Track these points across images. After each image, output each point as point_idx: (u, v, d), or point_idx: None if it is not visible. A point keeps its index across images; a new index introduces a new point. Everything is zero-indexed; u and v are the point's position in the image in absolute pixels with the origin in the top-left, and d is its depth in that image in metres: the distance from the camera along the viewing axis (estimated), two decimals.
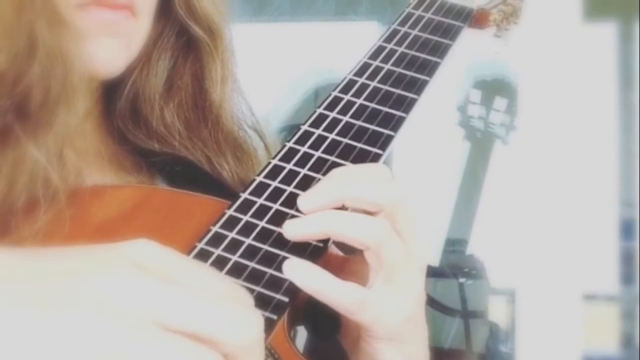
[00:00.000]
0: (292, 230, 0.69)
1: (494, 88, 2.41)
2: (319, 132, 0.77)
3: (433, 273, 2.31)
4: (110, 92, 0.87)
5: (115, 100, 0.87)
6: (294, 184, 0.73)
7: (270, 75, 2.23)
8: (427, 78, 0.83)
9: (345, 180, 0.71)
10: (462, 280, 2.33)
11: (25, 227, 0.67)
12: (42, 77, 0.69)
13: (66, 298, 0.51)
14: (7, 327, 0.50)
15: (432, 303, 2.26)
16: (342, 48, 2.30)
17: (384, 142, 0.77)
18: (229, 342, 0.52)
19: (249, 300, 0.56)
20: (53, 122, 0.70)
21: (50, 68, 0.70)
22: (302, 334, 0.73)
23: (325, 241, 0.70)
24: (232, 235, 0.69)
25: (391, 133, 0.78)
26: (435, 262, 2.35)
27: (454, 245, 2.38)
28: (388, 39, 0.87)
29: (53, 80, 0.70)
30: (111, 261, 0.52)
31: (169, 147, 0.87)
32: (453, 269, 2.34)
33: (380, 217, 0.69)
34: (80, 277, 0.52)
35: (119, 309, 0.50)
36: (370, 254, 0.68)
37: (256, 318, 0.54)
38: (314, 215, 0.69)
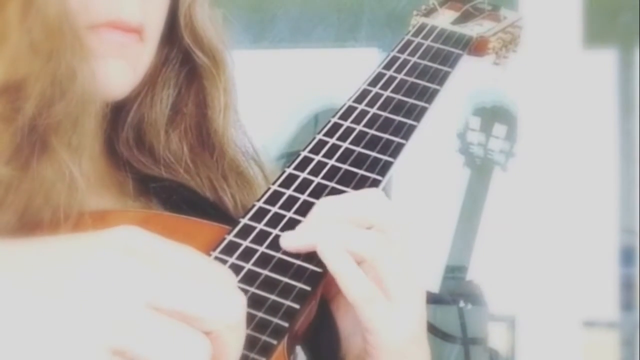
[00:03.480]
0: (286, 242, 0.71)
1: (493, 115, 2.42)
2: (318, 158, 0.78)
3: (433, 299, 2.31)
4: (112, 117, 0.87)
5: (118, 125, 0.87)
6: (294, 209, 0.73)
7: (270, 101, 2.24)
8: (426, 105, 0.83)
9: (329, 205, 0.72)
10: (462, 306, 2.33)
11: None
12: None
13: (58, 282, 0.53)
14: (1, 312, 0.52)
15: (432, 329, 2.26)
16: (342, 74, 2.31)
17: (383, 168, 0.77)
18: (214, 320, 0.54)
19: (233, 281, 0.58)
20: (69, 142, 0.72)
21: (71, 90, 0.71)
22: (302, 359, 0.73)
23: (325, 267, 0.70)
24: (232, 260, 0.69)
25: (390, 159, 0.78)
26: (435, 288, 2.35)
27: (454, 272, 2.38)
28: (387, 66, 0.87)
29: (71, 102, 0.71)
30: (101, 246, 0.55)
31: (173, 172, 0.87)
32: (453, 296, 2.34)
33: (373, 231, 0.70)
34: (72, 261, 0.54)
35: (112, 291, 0.52)
36: (366, 267, 0.69)
37: (239, 298, 0.56)
38: (309, 229, 0.71)
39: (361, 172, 0.77)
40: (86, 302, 0.52)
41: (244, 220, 0.73)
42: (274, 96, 2.33)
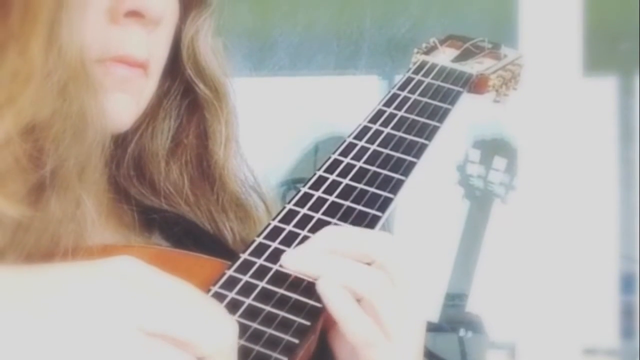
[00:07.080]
0: (288, 261, 0.71)
1: (493, 147, 2.43)
2: (318, 194, 0.78)
3: (432, 327, 2.31)
4: (113, 149, 0.87)
5: (118, 156, 0.88)
6: (294, 245, 0.74)
7: (270, 129, 2.24)
8: (426, 142, 0.84)
9: (334, 235, 0.73)
10: (462, 334, 2.33)
11: None
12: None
13: (54, 304, 0.55)
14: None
15: (432, 358, 2.25)
16: (342, 102, 2.32)
17: (383, 204, 0.78)
18: (205, 345, 0.56)
19: (222, 310, 0.60)
20: (79, 180, 0.72)
21: (87, 127, 0.72)
22: None
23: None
24: (231, 295, 0.70)
25: (390, 196, 0.78)
26: (435, 316, 2.35)
27: (454, 300, 2.38)
28: (388, 103, 0.88)
29: (88, 139, 0.72)
30: (97, 273, 0.57)
31: (173, 204, 0.87)
32: (453, 323, 2.34)
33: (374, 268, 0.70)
34: (68, 285, 0.56)
35: (104, 313, 0.55)
36: (365, 305, 0.69)
37: (230, 324, 0.58)
38: (311, 256, 0.71)
39: (361, 208, 0.77)
40: (79, 322, 0.54)
41: (244, 256, 0.73)
42: (274, 123, 2.33)
